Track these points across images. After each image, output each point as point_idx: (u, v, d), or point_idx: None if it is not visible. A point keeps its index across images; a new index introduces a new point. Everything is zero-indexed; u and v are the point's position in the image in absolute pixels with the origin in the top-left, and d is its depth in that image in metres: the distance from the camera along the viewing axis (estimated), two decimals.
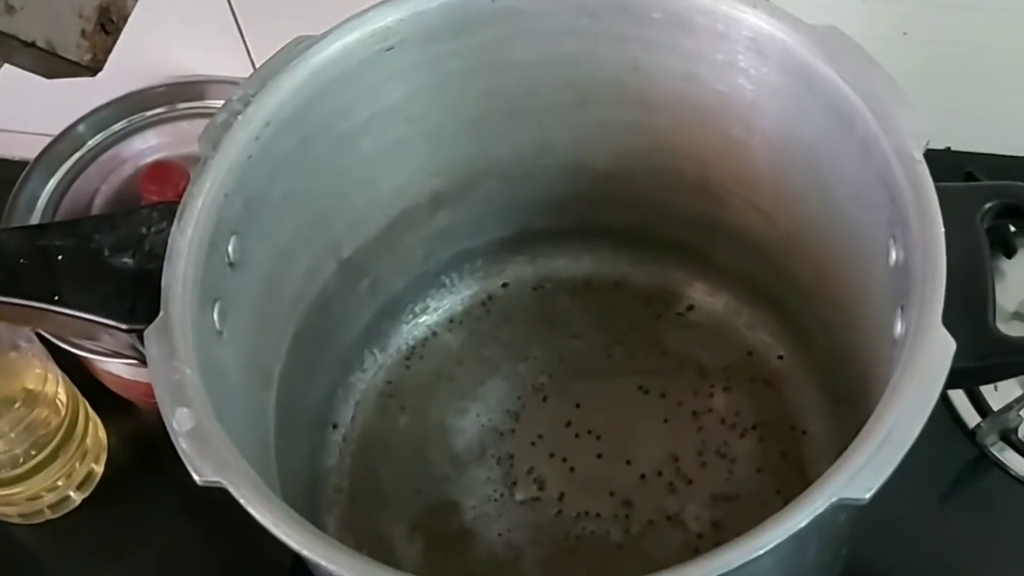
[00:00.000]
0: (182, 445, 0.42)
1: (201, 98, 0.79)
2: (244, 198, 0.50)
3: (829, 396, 0.62)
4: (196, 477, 0.41)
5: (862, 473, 0.39)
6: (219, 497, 0.41)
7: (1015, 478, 0.64)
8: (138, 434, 0.73)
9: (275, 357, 0.56)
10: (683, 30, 0.52)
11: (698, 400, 0.64)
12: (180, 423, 0.42)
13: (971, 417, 0.65)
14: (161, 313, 0.45)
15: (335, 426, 0.65)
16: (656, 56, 0.54)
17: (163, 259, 0.47)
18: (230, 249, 0.50)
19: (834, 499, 0.38)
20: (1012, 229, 0.69)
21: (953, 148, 0.74)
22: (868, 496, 0.38)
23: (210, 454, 0.42)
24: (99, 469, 0.70)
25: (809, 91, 0.50)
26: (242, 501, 0.41)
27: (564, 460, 0.63)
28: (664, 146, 0.59)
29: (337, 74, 0.52)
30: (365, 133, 0.56)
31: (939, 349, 0.41)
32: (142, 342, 0.45)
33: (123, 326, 0.48)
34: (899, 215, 0.45)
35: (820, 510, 0.38)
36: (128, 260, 0.49)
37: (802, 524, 0.38)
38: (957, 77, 0.70)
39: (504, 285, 0.69)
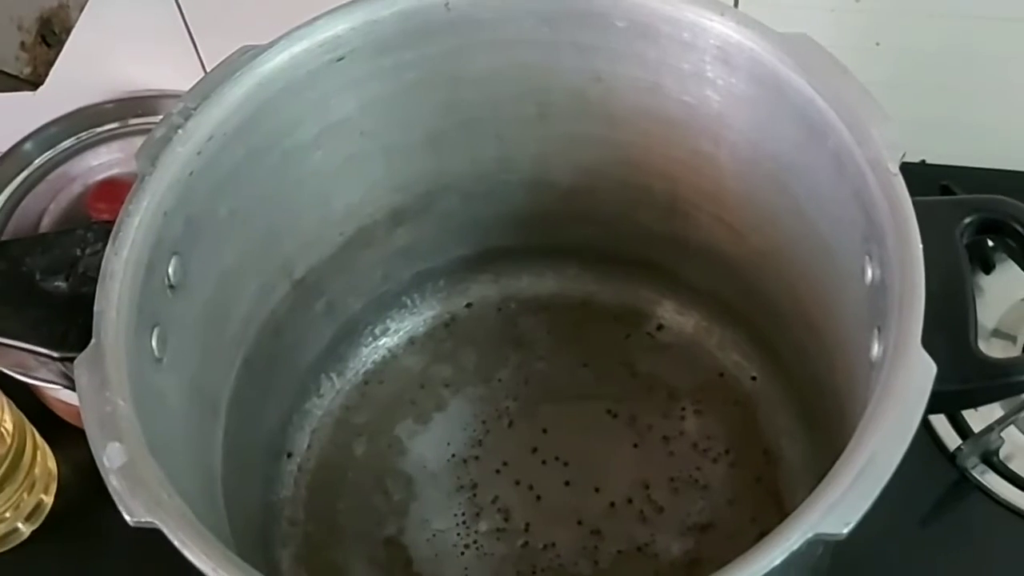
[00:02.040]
0: (112, 483, 0.40)
1: (154, 113, 0.76)
2: (186, 216, 0.48)
3: (804, 419, 0.60)
4: (127, 517, 0.39)
5: (839, 507, 0.37)
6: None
7: (997, 501, 0.62)
8: (90, 463, 0.68)
9: (223, 384, 0.53)
10: (647, 39, 0.51)
11: (669, 424, 0.62)
12: (111, 459, 0.40)
13: (951, 439, 0.63)
14: (93, 340, 0.43)
15: (289, 455, 0.62)
16: (619, 67, 0.53)
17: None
18: (170, 271, 0.47)
19: (809, 535, 0.36)
20: (990, 243, 0.67)
21: (928, 161, 0.73)
22: (846, 531, 0.36)
23: (142, 492, 0.40)
24: (49, 500, 0.68)
25: (779, 102, 0.48)
26: (176, 543, 0.38)
27: (530, 488, 0.61)
28: (629, 161, 0.57)
29: (285, 85, 0.50)
30: (316, 147, 0.54)
31: (919, 373, 0.39)
32: None
33: (55, 354, 0.45)
34: (875, 231, 0.43)
35: (795, 546, 0.36)
36: (61, 284, 0.47)
37: (776, 562, 0.36)
38: (931, 88, 0.69)
39: (468, 305, 0.67)
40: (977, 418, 0.64)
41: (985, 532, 0.62)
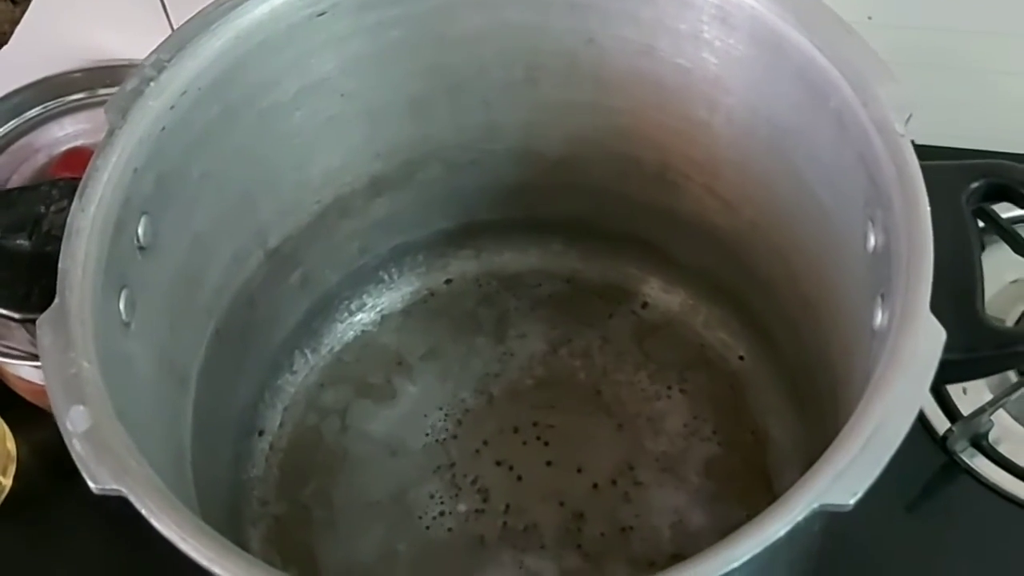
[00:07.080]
0: (76, 447, 0.38)
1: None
2: (157, 174, 0.46)
3: (794, 398, 0.58)
4: (91, 484, 0.37)
5: (845, 476, 0.35)
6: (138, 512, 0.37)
7: (985, 485, 0.61)
8: (51, 445, 0.66)
9: (193, 355, 0.52)
10: None
11: (654, 404, 0.60)
12: (74, 422, 0.38)
13: (941, 422, 0.62)
14: (57, 299, 0.41)
15: (261, 433, 0.61)
16: (613, 27, 0.51)
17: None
18: (140, 231, 0.45)
19: (815, 505, 0.35)
20: (981, 224, 0.66)
21: (916, 141, 0.71)
22: (852, 502, 0.35)
23: (108, 458, 0.38)
24: (7, 482, 0.66)
25: (779, 63, 0.46)
26: (144, 512, 0.37)
27: (511, 468, 0.59)
28: (619, 129, 0.56)
29: (263, 40, 0.49)
30: (295, 108, 0.52)
31: (928, 339, 0.37)
32: None
33: (16, 315, 0.43)
34: (879, 195, 0.42)
35: (799, 518, 0.34)
36: (23, 242, 0.45)
37: (780, 534, 0.34)
38: (925, 66, 0.67)
39: (447, 281, 0.66)
40: (966, 401, 0.63)
41: (973, 516, 0.61)
